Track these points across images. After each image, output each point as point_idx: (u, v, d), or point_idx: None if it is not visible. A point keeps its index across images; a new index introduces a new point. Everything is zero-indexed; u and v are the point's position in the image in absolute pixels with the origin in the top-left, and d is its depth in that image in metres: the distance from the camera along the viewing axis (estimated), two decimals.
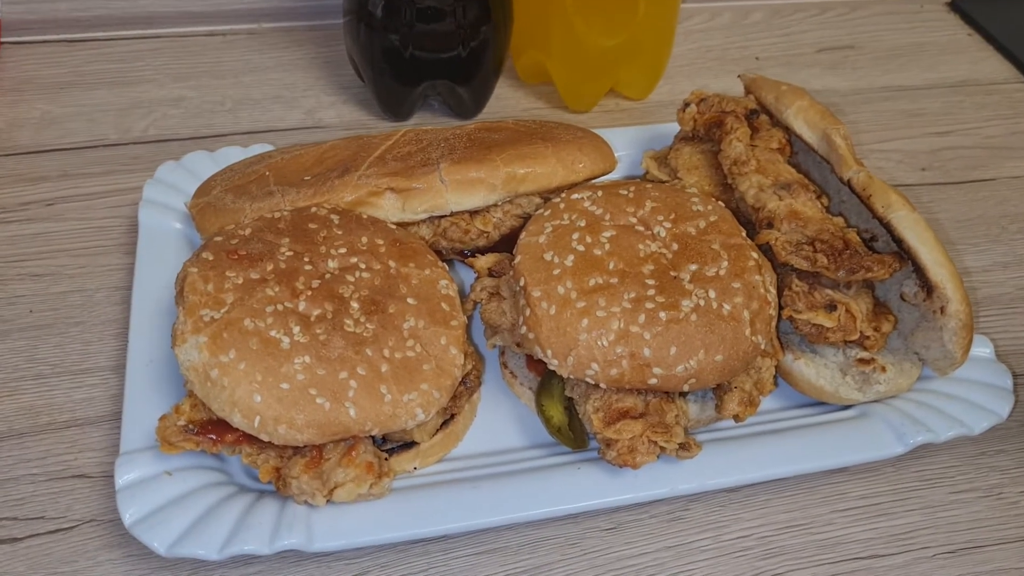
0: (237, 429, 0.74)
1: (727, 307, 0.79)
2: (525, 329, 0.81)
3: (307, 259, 0.81)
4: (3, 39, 1.30)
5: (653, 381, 0.78)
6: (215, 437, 0.75)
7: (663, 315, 0.78)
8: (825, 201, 0.95)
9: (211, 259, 0.80)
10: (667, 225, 0.85)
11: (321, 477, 0.74)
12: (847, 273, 0.83)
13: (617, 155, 1.02)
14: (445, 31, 1.11)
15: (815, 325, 0.84)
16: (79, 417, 0.86)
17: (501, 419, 0.88)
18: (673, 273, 0.81)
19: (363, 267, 0.82)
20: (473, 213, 0.94)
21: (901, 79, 1.42)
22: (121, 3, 1.33)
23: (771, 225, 0.88)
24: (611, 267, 0.81)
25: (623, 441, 0.77)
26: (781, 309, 0.86)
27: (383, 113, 1.22)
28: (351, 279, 0.81)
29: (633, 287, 0.79)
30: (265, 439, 0.73)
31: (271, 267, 0.80)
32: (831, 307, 0.85)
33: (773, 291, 0.84)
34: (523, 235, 0.86)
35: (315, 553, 0.76)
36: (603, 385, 0.79)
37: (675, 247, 0.84)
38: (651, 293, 0.79)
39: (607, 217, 0.86)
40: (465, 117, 1.24)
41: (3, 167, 1.12)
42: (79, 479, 0.82)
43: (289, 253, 0.81)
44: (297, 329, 0.75)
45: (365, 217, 0.88)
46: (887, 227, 0.85)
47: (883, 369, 0.86)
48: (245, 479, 0.80)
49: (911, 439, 0.84)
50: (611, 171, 1.00)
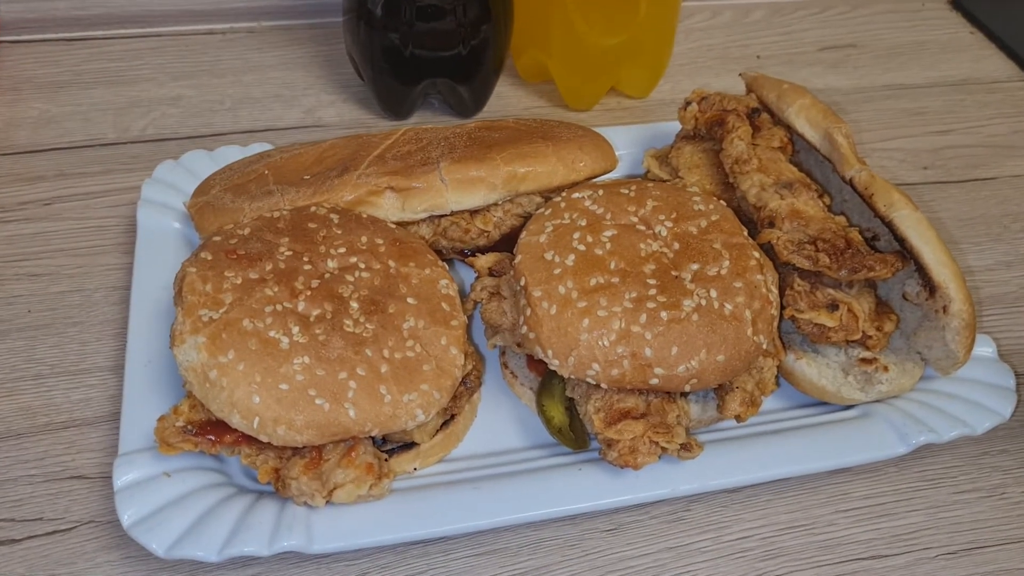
0: (236, 430, 0.74)
1: (729, 307, 0.79)
2: (526, 329, 0.80)
3: (306, 259, 0.81)
4: (1, 38, 1.30)
5: (654, 381, 0.77)
6: (214, 438, 0.75)
7: (664, 315, 0.77)
8: (827, 200, 0.95)
9: (210, 259, 0.80)
10: (668, 224, 0.85)
11: (320, 478, 0.73)
12: (849, 272, 0.83)
13: (618, 154, 1.02)
14: (445, 29, 1.11)
15: (817, 325, 0.84)
16: (77, 418, 0.86)
17: (501, 419, 0.88)
18: (674, 272, 0.81)
19: (363, 267, 0.82)
20: (473, 212, 0.94)
21: (903, 77, 1.41)
22: (120, 1, 1.32)
23: (773, 224, 0.88)
24: (612, 266, 0.81)
25: (624, 441, 0.77)
26: (783, 309, 0.85)
27: (383, 112, 1.22)
28: (351, 279, 0.80)
29: (634, 287, 0.79)
30: (264, 440, 0.73)
31: (270, 267, 0.79)
32: (833, 307, 0.84)
33: (775, 290, 0.83)
34: (524, 234, 0.86)
35: (315, 554, 0.75)
36: (604, 385, 0.78)
37: (676, 246, 0.83)
38: (652, 293, 0.79)
39: (608, 216, 0.85)
40: (465, 116, 1.24)
41: (1, 167, 1.12)
42: (77, 480, 0.81)
43: (288, 253, 0.81)
44: (296, 329, 0.75)
45: (365, 216, 0.88)
46: (889, 226, 0.85)
47: (885, 369, 0.86)
48: (244, 480, 0.79)
49: (913, 439, 0.84)
50: (612, 170, 1.00)
